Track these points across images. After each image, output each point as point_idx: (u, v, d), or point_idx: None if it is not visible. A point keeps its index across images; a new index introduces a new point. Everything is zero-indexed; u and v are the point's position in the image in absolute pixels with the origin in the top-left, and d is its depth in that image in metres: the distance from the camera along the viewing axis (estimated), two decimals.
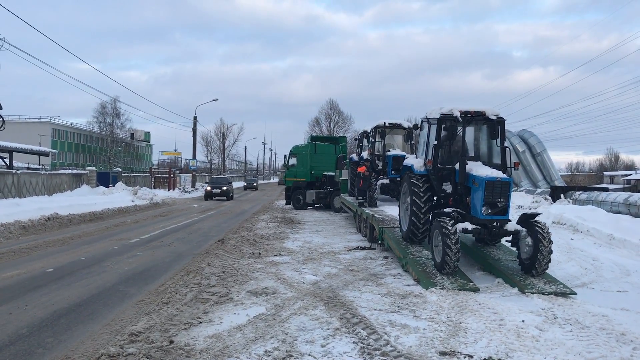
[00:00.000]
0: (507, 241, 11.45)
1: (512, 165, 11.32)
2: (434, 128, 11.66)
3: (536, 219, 10.70)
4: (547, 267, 10.34)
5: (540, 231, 10.28)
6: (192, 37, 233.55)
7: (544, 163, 42.36)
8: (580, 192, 30.09)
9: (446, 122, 11.38)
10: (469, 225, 10.57)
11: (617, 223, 17.13)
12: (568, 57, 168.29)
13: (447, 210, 10.97)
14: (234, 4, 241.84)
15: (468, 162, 11.17)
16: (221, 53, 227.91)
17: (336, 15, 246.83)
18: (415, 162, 12.45)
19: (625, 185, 64.24)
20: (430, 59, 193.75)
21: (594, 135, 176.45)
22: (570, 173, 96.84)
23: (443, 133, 11.50)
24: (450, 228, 10.02)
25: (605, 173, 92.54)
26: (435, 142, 11.50)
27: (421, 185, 11.73)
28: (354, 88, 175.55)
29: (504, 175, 10.68)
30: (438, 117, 11.45)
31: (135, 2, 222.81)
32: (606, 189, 33.30)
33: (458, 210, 11.00)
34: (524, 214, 11.10)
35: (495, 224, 10.60)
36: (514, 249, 11.15)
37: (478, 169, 10.84)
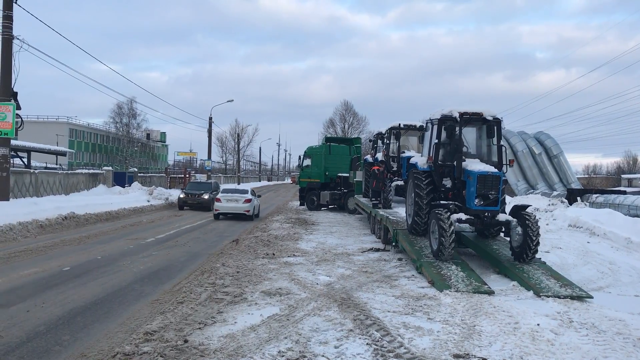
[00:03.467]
0: (500, 231, 12.29)
1: (507, 163, 12.26)
2: (435, 128, 12.49)
3: (526, 210, 11.55)
4: (535, 255, 11.22)
5: (529, 221, 11.10)
6: (214, 38, 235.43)
7: (561, 165, 41.96)
8: (597, 195, 29.80)
9: (446, 122, 12.30)
10: (463, 216, 11.46)
11: (634, 226, 16.91)
12: (592, 59, 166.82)
13: (444, 202, 11.73)
14: (256, 6, 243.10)
15: (466, 159, 12.04)
16: (242, 54, 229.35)
17: (359, 17, 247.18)
18: (420, 160, 13.41)
19: None
20: (452, 60, 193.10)
21: (613, 137, 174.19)
22: (587, 176, 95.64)
23: (443, 132, 12.45)
24: (445, 217, 10.86)
25: (623, 176, 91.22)
26: (436, 141, 12.45)
27: (424, 181, 12.61)
28: (373, 89, 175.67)
29: (495, 170, 11.61)
30: (439, 117, 12.39)
31: (159, 4, 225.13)
32: (624, 192, 32.89)
33: (455, 202, 11.84)
34: (515, 205, 11.94)
35: (486, 214, 11.58)
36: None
37: (473, 165, 11.76)
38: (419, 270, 11.02)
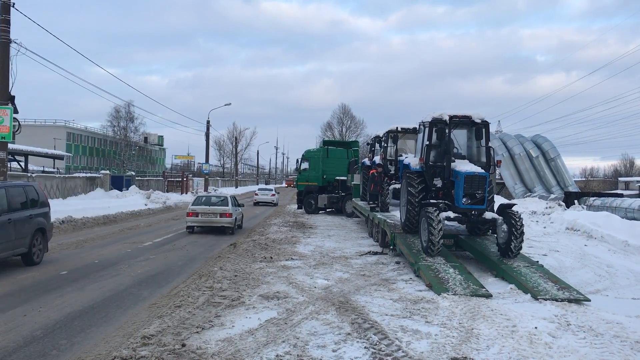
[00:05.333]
0: (486, 229, 12.84)
1: (495, 163, 12.77)
2: (427, 131, 12.99)
3: (512, 208, 12.06)
4: (520, 250, 11.73)
5: (514, 219, 11.60)
6: (215, 42, 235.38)
7: (558, 168, 42.08)
8: (595, 198, 29.84)
9: (437, 124, 12.92)
10: (451, 214, 12.08)
11: (632, 229, 16.95)
12: (593, 62, 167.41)
13: (433, 201, 12.21)
14: (258, 10, 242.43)
15: (455, 160, 12.55)
16: (243, 58, 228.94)
17: (360, 20, 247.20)
18: (412, 160, 13.98)
19: None
20: (453, 63, 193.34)
21: (611, 140, 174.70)
22: (584, 179, 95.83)
23: (434, 134, 12.97)
24: (433, 215, 11.38)
25: (620, 179, 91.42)
26: (427, 143, 12.99)
27: (416, 180, 13.21)
28: (374, 93, 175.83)
29: (482, 170, 12.16)
30: (430, 120, 13.02)
31: (161, 8, 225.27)
32: (621, 195, 32.96)
33: (445, 201, 12.42)
34: (502, 204, 12.48)
35: (473, 212, 12.12)
36: (527, 255, 11.99)
37: (461, 166, 12.33)
38: (417, 273, 11.03)
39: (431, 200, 12.36)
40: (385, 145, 19.89)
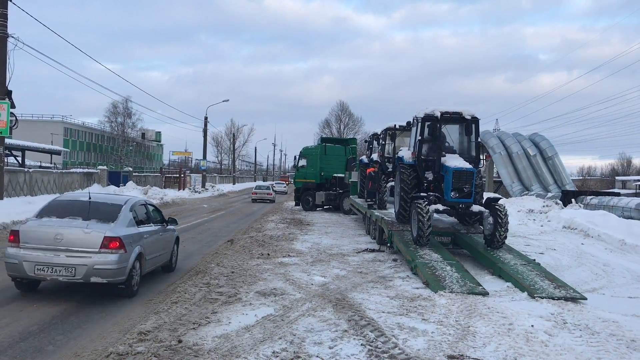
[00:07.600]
0: (474, 220, 13.27)
1: (484, 158, 13.51)
2: (420, 126, 13.62)
3: (498, 202, 12.65)
4: (504, 241, 12.37)
5: (500, 212, 12.18)
6: (217, 38, 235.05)
7: (555, 167, 42.08)
8: (592, 197, 29.92)
9: (429, 120, 13.41)
10: (440, 207, 12.61)
11: (628, 228, 17.01)
12: (595, 61, 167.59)
13: (423, 194, 12.69)
14: (261, 6, 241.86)
15: (446, 154, 13.12)
16: (244, 54, 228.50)
17: (364, 17, 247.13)
18: (406, 154, 14.54)
19: (638, 191, 63.55)
20: (455, 61, 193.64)
21: (610, 139, 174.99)
22: (581, 177, 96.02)
23: (426, 130, 13.51)
24: (423, 207, 11.85)
25: (617, 178, 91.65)
26: (419, 138, 13.52)
27: (408, 173, 13.78)
28: (376, 90, 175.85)
29: (470, 166, 12.69)
30: (422, 116, 13.52)
31: (164, 4, 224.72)
32: (618, 194, 33.05)
33: (436, 194, 12.97)
34: (488, 197, 13.02)
35: (461, 205, 12.72)
36: (524, 253, 12.25)
37: (450, 161, 12.81)
38: (414, 271, 11.03)
39: (421, 193, 12.84)
40: (383, 142, 19.88)
